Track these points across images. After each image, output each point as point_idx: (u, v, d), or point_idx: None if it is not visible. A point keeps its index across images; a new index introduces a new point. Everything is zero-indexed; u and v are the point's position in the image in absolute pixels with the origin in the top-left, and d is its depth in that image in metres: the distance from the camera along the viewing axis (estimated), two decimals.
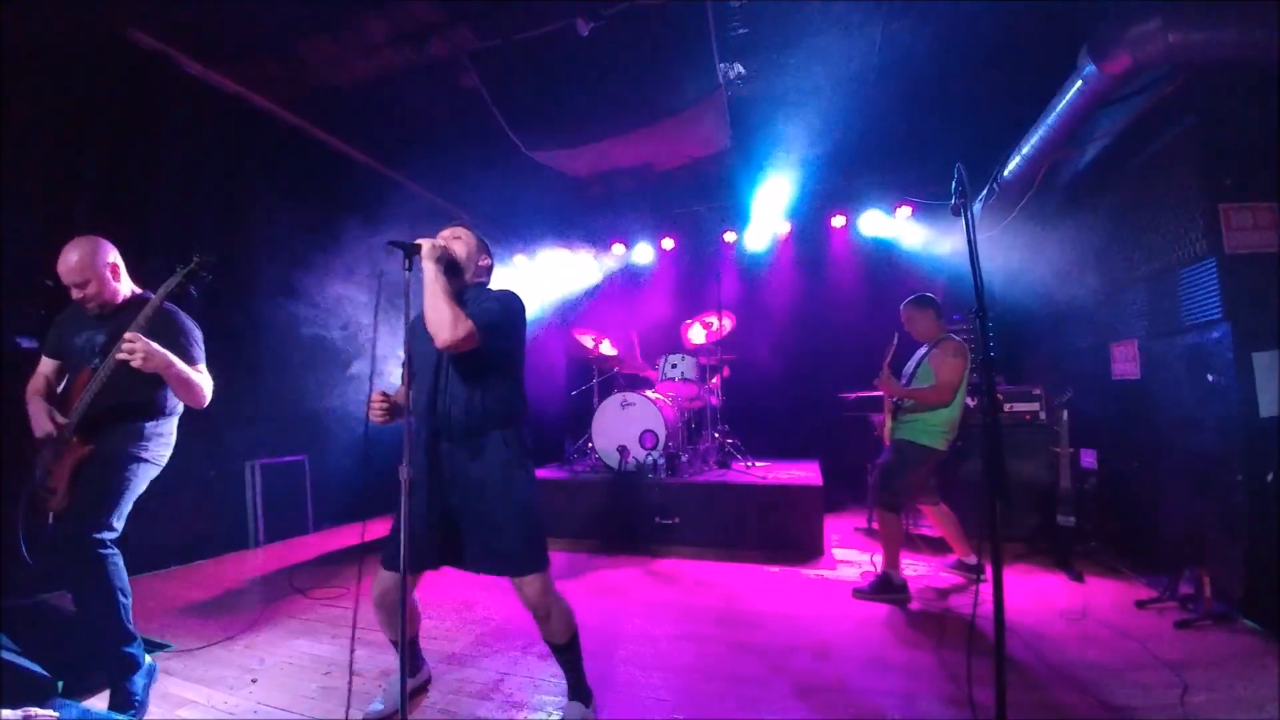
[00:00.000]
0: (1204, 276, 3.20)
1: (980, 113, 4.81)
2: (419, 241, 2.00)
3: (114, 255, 2.39)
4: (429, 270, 1.98)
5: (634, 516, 4.62)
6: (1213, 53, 2.88)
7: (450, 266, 2.09)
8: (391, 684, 2.32)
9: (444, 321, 1.92)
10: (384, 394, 2.12)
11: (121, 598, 2.22)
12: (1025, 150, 4.07)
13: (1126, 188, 3.97)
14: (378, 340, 2.18)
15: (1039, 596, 3.38)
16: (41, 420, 2.26)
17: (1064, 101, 3.50)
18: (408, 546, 1.77)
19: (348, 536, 5.07)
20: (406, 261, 1.97)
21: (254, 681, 2.53)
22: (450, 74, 4.49)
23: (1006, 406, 4.40)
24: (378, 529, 2.20)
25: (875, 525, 3.79)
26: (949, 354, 3.46)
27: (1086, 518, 3.82)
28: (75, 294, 2.33)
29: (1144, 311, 3.80)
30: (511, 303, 2.16)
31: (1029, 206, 4.70)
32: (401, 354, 2.06)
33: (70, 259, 2.29)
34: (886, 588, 3.41)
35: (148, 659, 2.35)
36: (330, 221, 5.56)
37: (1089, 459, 4.11)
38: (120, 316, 2.35)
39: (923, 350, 3.70)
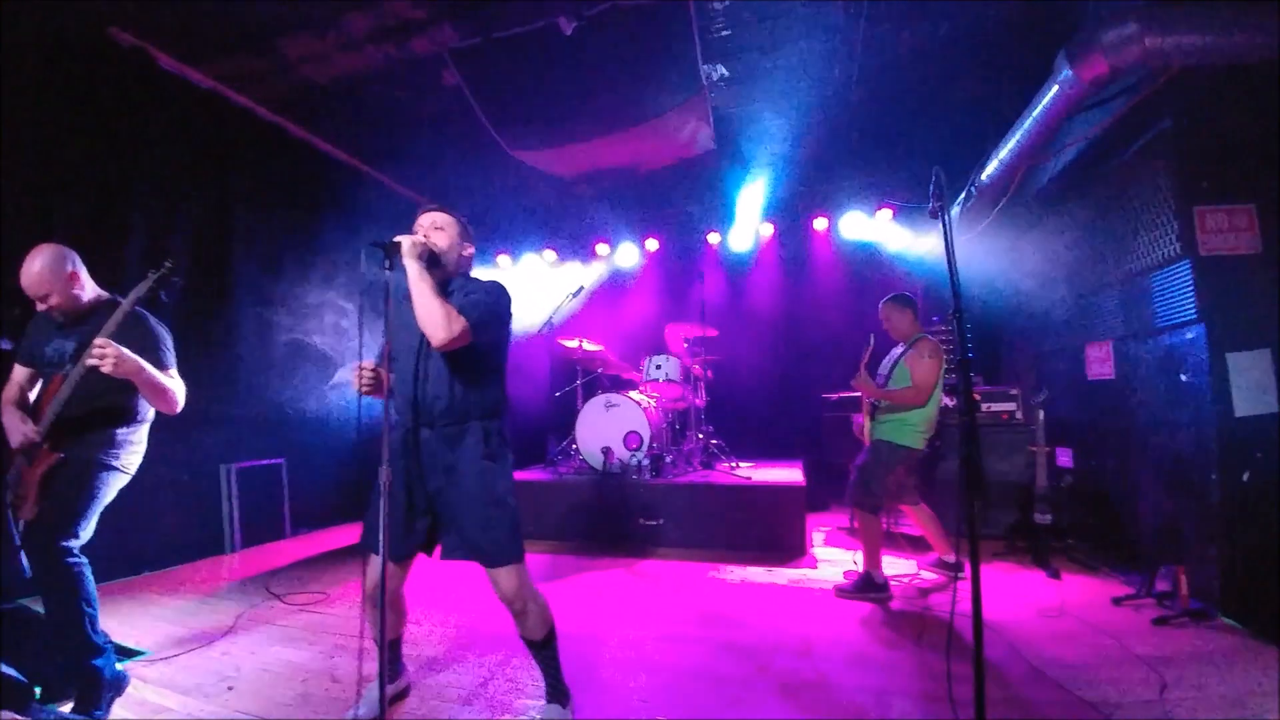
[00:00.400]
0: (1179, 278, 3.26)
1: (959, 117, 4.88)
2: (398, 239, 1.97)
3: (72, 263, 2.34)
4: (412, 269, 1.95)
5: (618, 518, 4.61)
6: (1189, 57, 2.90)
7: (432, 259, 2.07)
8: (370, 689, 2.28)
9: (437, 321, 1.90)
10: (375, 365, 2.08)
11: (86, 608, 2.18)
12: (1002, 154, 4.11)
13: (1103, 191, 4.02)
14: (362, 344, 2.15)
15: (1017, 594, 3.42)
16: (16, 428, 2.22)
17: (1040, 106, 3.53)
18: (386, 544, 1.75)
19: (326, 541, 4.99)
20: (387, 261, 1.94)
21: (230, 689, 2.48)
22: (432, 72, 4.46)
23: (984, 406, 4.46)
24: None
25: (856, 525, 3.82)
26: (925, 354, 3.46)
27: (1063, 515, 3.88)
28: (39, 306, 2.33)
29: (1119, 313, 3.86)
30: (500, 296, 2.14)
31: (1006, 210, 4.76)
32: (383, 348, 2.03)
33: (30, 272, 2.27)
34: (869, 587, 3.43)
35: (119, 666, 2.31)
36: (310, 221, 5.50)
37: (1065, 458, 4.17)
38: (89, 322, 2.32)
39: (898, 350, 3.71)
